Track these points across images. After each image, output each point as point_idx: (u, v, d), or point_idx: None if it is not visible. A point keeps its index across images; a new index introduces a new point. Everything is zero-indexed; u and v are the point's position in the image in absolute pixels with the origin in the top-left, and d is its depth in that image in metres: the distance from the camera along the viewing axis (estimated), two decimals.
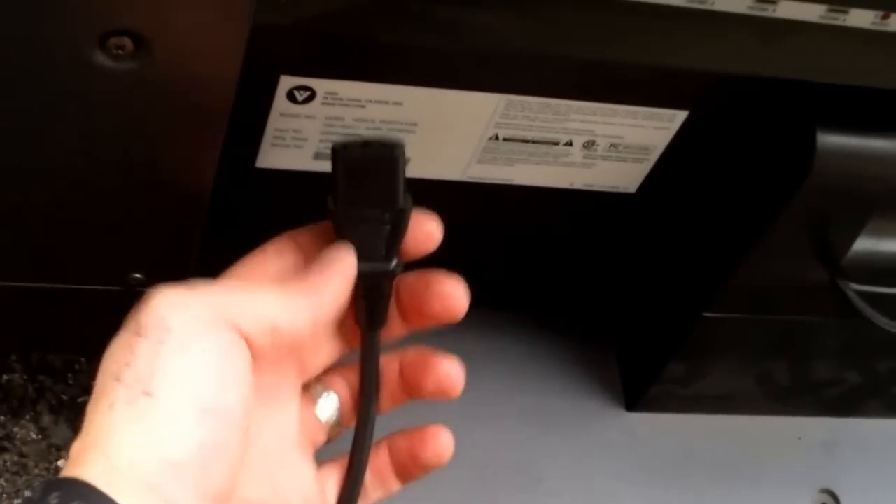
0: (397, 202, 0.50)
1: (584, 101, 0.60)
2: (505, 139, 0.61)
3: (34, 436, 0.68)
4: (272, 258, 0.50)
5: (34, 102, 0.45)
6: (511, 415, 0.79)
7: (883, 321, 0.66)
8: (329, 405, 0.52)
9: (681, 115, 0.62)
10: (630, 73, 0.56)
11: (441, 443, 0.52)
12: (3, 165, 0.48)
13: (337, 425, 0.53)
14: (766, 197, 0.64)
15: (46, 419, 0.69)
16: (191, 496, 0.41)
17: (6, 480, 0.66)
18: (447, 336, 0.48)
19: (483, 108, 0.59)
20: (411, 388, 0.52)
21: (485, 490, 0.76)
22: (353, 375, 0.52)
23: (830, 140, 0.59)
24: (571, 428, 0.80)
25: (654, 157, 0.64)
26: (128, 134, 0.48)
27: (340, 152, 0.50)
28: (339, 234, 0.50)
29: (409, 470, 0.53)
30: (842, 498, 0.83)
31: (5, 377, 0.69)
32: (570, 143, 0.63)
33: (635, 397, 0.81)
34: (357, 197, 0.50)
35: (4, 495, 0.65)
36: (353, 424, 0.53)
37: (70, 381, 0.70)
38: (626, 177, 0.66)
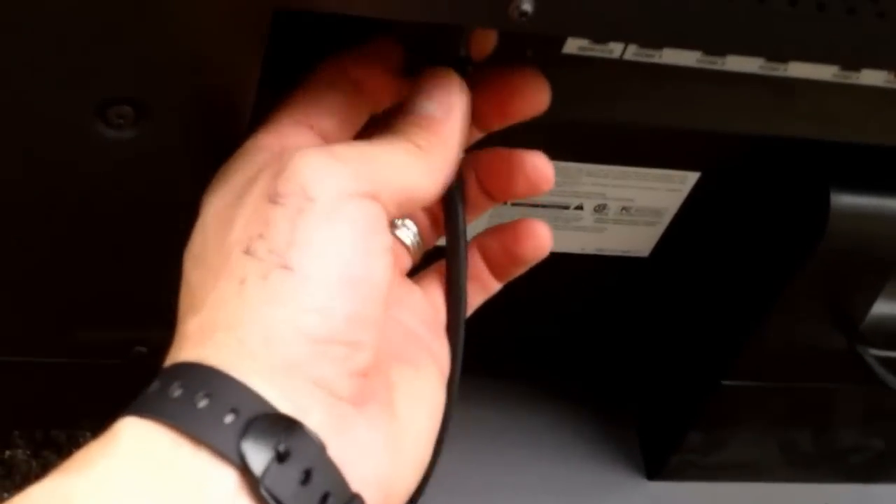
0: None
1: (594, 164, 0.59)
2: (513, 203, 0.61)
3: None
4: (330, 95, 0.44)
5: (37, 175, 0.44)
6: (531, 485, 0.78)
7: None
8: (408, 232, 0.48)
9: (692, 177, 0.61)
10: (641, 135, 0.56)
11: (539, 235, 0.48)
12: (7, 239, 0.47)
13: (419, 249, 0.49)
14: (780, 260, 0.63)
15: None
16: (339, 374, 0.37)
17: None
18: (467, 405, 0.46)
19: None
20: (498, 192, 0.48)
21: None
22: None
23: (845, 201, 0.58)
24: (592, 498, 0.79)
25: (666, 220, 0.64)
26: (132, 204, 0.46)
27: None
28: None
29: (506, 269, 0.49)
30: None
31: (7, 453, 0.68)
32: (580, 207, 0.62)
33: (656, 466, 0.80)
34: None
35: None
36: (433, 244, 0.49)
37: None
38: (638, 241, 0.65)
